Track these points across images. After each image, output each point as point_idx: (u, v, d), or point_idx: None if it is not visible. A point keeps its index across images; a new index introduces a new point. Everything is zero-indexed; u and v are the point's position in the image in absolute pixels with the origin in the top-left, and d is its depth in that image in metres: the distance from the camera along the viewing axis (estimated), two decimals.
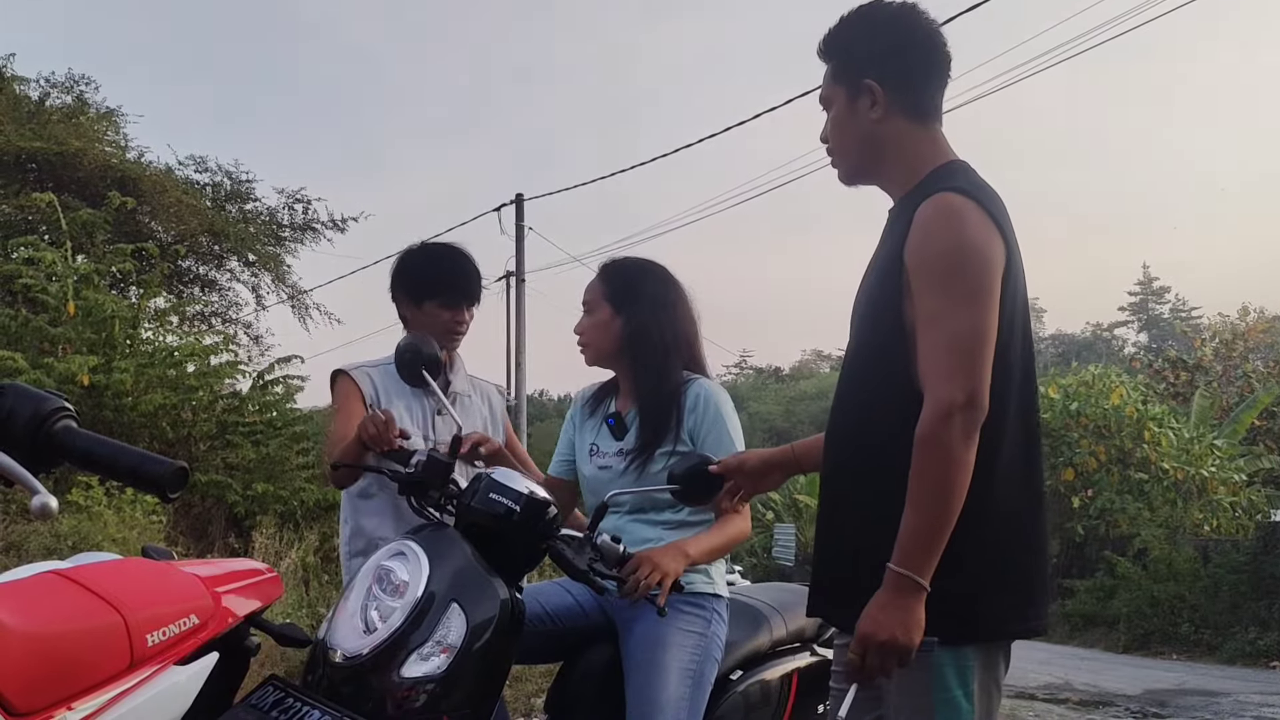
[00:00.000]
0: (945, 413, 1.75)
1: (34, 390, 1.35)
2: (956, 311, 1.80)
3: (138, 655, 1.69)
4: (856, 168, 2.08)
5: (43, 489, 1.22)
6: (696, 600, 2.56)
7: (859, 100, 2.00)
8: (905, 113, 1.99)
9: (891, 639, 1.75)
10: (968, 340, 1.78)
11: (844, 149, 2.08)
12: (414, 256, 3.00)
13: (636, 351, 2.69)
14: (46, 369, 8.53)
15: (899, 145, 2.00)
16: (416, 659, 2.00)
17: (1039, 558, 1.96)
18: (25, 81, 13.02)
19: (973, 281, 1.81)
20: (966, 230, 1.83)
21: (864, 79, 1.99)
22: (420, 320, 2.91)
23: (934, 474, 1.75)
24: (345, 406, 2.81)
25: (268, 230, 14.79)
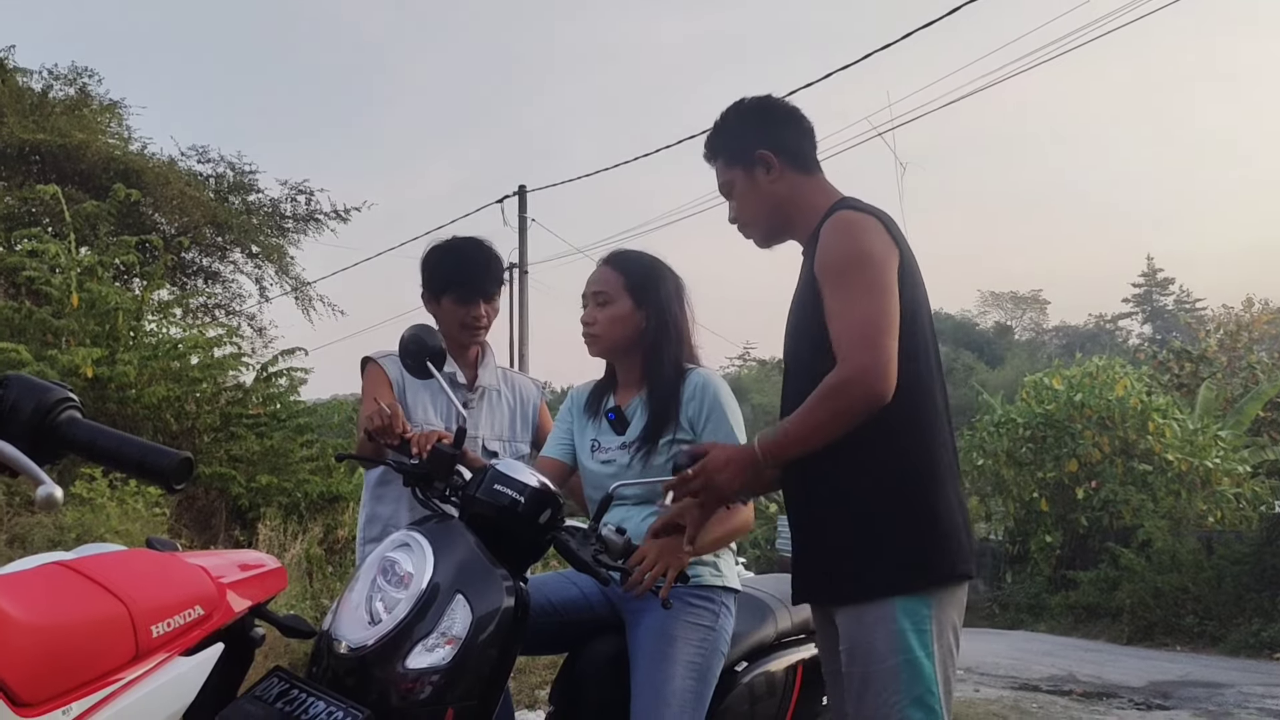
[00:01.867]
0: (844, 378, 2.08)
1: (38, 381, 1.34)
2: (858, 302, 2.11)
3: (143, 646, 1.68)
4: (769, 229, 2.40)
5: (48, 480, 1.22)
6: (705, 593, 2.56)
7: (755, 171, 2.35)
8: (796, 169, 2.36)
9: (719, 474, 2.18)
10: (876, 322, 2.09)
11: (755, 217, 2.40)
12: (434, 252, 3.02)
13: (653, 344, 2.70)
14: (50, 361, 8.53)
15: (799, 197, 2.35)
16: (421, 650, 2.00)
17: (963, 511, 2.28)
18: (28, 73, 13.04)
19: (869, 277, 2.12)
20: (860, 236, 2.16)
21: (756, 151, 2.35)
22: (440, 316, 2.93)
23: (818, 409, 2.10)
24: (373, 393, 2.82)
25: (271, 221, 14.79)
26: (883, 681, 2.15)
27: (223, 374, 10.56)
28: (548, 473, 2.51)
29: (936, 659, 2.16)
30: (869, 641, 2.17)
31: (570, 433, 2.84)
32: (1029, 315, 64.35)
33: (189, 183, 13.51)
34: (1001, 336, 59.51)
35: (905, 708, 2.14)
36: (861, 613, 2.18)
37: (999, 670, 9.26)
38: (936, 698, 2.16)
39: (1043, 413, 17.70)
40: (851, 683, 2.21)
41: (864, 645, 2.18)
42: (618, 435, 2.72)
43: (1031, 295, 63.49)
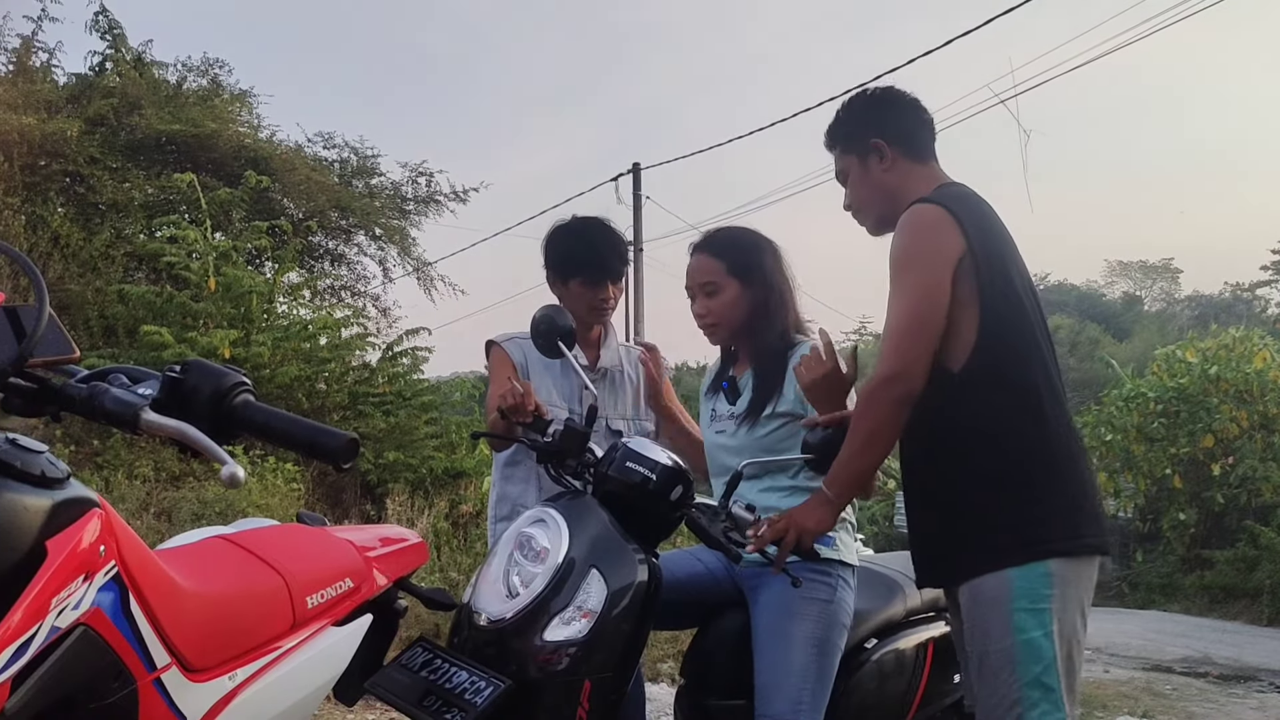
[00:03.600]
0: (878, 382, 2.19)
1: (214, 366, 1.42)
2: (898, 303, 2.22)
3: (299, 616, 1.77)
4: (880, 216, 2.44)
5: (230, 459, 1.29)
6: (822, 567, 2.56)
7: (869, 159, 2.41)
8: (910, 158, 2.41)
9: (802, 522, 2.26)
10: (901, 322, 2.20)
11: (866, 204, 2.46)
12: (558, 234, 3.03)
13: (761, 319, 2.70)
14: (190, 343, 8.90)
15: (909, 186, 2.37)
16: (558, 623, 2.06)
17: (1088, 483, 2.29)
18: (164, 66, 13.49)
19: (917, 275, 2.21)
20: (917, 234, 2.24)
21: (870, 140, 2.40)
22: (567, 298, 2.95)
23: (863, 425, 2.22)
24: (498, 375, 2.87)
25: (392, 204, 15.07)
26: (1000, 661, 2.15)
27: (350, 354, 10.86)
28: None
29: (1057, 637, 2.14)
30: (985, 620, 2.18)
31: None
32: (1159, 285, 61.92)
33: (315, 168, 13.86)
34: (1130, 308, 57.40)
35: (1023, 688, 2.12)
36: (976, 591, 2.20)
37: (1130, 651, 9.01)
38: (1056, 677, 2.13)
39: (1175, 386, 17.06)
40: (971, 662, 2.24)
41: (980, 624, 2.19)
42: (730, 405, 2.75)
43: (1162, 264, 61.03)
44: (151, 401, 1.37)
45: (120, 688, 1.36)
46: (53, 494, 1.26)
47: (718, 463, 2.70)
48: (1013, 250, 2.31)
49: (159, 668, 1.42)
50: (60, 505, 1.26)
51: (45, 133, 10.87)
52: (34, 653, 1.19)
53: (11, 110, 10.67)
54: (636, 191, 19.95)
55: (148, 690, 1.40)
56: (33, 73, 11.99)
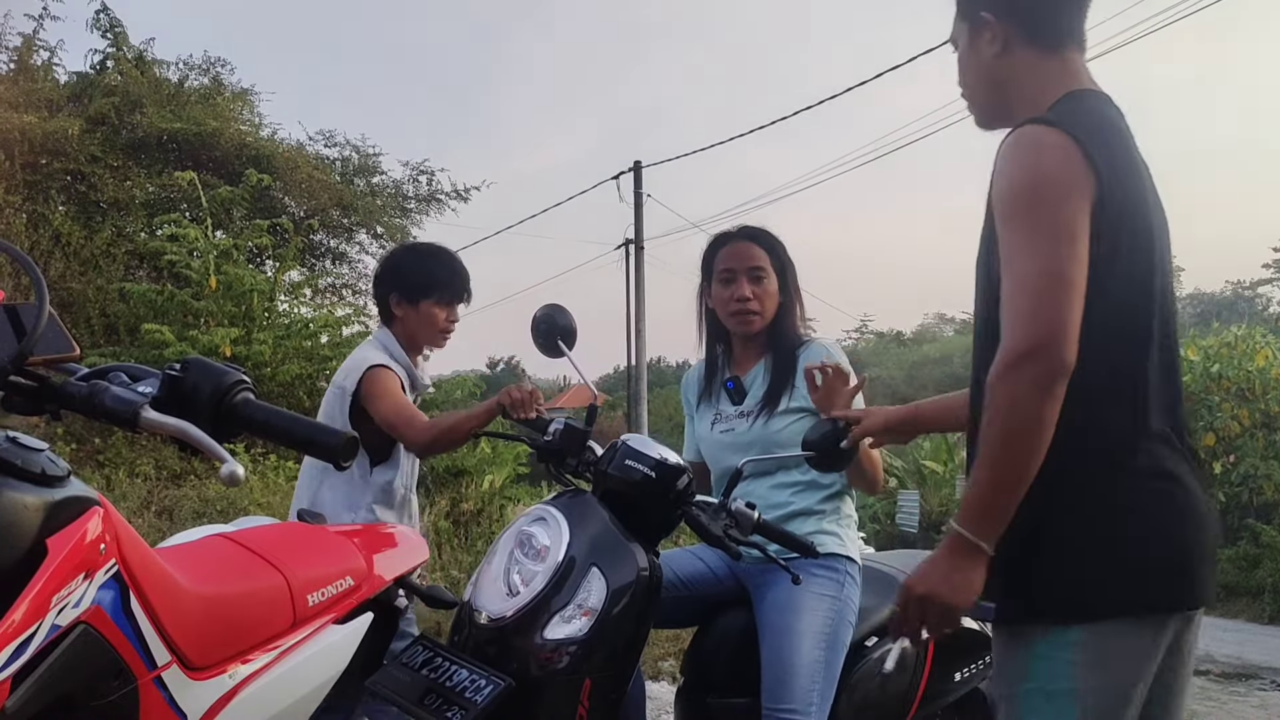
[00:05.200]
0: (1008, 362, 1.60)
1: (214, 364, 1.42)
2: (1028, 249, 1.64)
3: (300, 614, 1.77)
4: (985, 110, 1.93)
5: (230, 458, 1.29)
6: (828, 563, 2.57)
7: (980, 35, 1.85)
8: (1030, 42, 1.82)
9: (930, 593, 1.66)
10: (1039, 280, 1.61)
11: (971, 90, 1.94)
12: (405, 256, 3.09)
13: (782, 318, 2.77)
14: (191, 341, 8.91)
15: (1022, 80, 1.83)
16: (559, 621, 2.06)
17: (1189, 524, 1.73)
18: (165, 65, 13.52)
19: (1047, 217, 1.64)
20: (1036, 162, 1.67)
21: (980, 11, 1.84)
22: (415, 319, 2.95)
23: (1000, 428, 1.61)
24: (396, 389, 2.84)
25: (394, 202, 15.10)
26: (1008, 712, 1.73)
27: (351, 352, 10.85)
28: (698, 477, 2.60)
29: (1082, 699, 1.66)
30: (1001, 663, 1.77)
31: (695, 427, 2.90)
32: None
33: (316, 166, 13.88)
34: None
35: None
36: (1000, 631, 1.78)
37: None
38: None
39: None
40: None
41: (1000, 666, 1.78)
42: (735, 405, 2.76)
43: None
44: (151, 400, 1.38)
45: (120, 686, 1.36)
46: (53, 492, 1.26)
47: (724, 464, 2.70)
48: (1151, 215, 1.75)
49: (159, 666, 1.42)
50: (61, 503, 1.26)
51: (46, 131, 10.89)
52: (34, 651, 1.19)
53: (13, 109, 10.69)
54: (637, 189, 19.95)
55: (148, 688, 1.40)
56: (34, 71, 12.00)
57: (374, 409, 2.80)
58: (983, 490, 1.64)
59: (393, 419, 2.79)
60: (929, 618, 1.69)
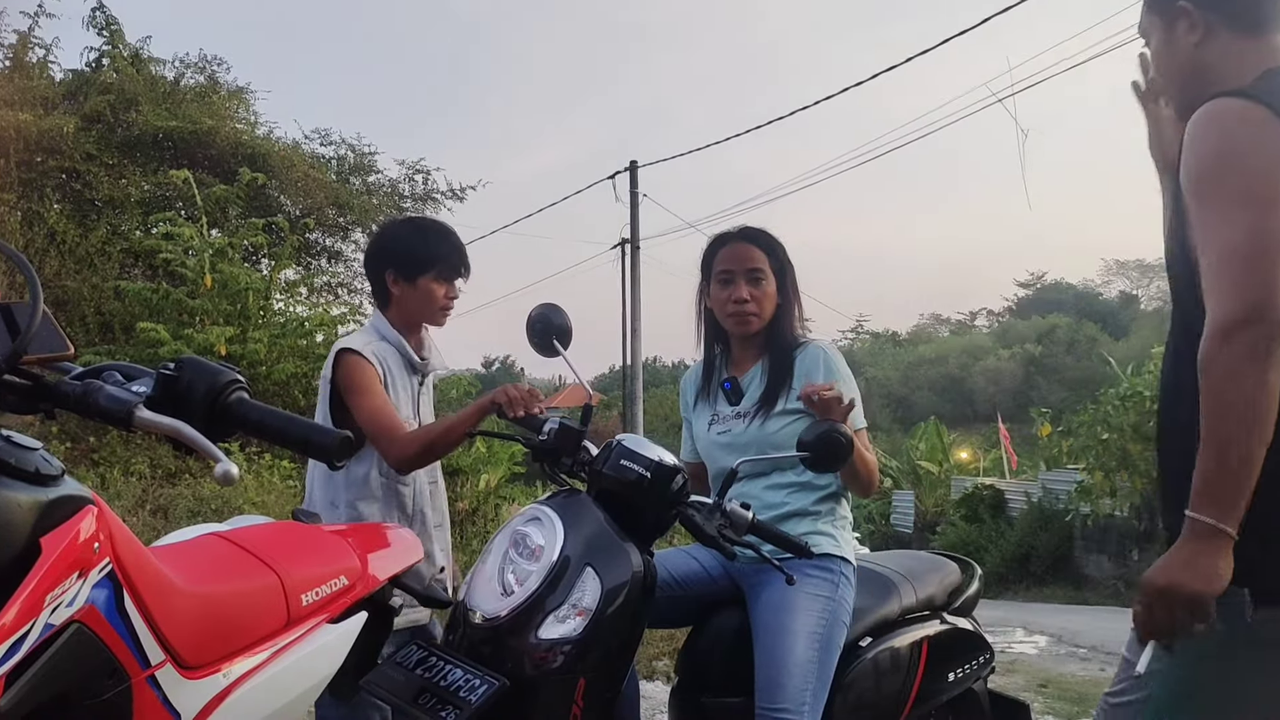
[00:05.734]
0: (1221, 332, 1.54)
1: (209, 364, 1.42)
2: (1222, 220, 1.59)
3: (294, 614, 1.77)
4: (1185, 100, 1.83)
5: (224, 458, 1.29)
6: (823, 563, 2.57)
7: (1176, 26, 1.82)
8: (1230, 27, 1.78)
9: (1171, 584, 1.57)
10: (1244, 247, 1.55)
11: (1168, 82, 1.90)
12: (400, 231, 2.99)
13: (781, 320, 2.77)
14: (186, 340, 8.91)
15: (1225, 66, 1.77)
16: (553, 621, 2.06)
17: None
18: (161, 63, 13.50)
19: (1244, 184, 1.59)
20: (1231, 130, 1.63)
21: (1177, 2, 1.80)
22: (413, 297, 2.82)
23: (1219, 402, 1.54)
24: (374, 388, 2.70)
25: (390, 201, 15.08)
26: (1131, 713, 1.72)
27: None
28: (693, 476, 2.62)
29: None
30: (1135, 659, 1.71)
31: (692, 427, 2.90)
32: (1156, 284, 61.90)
33: (312, 165, 13.87)
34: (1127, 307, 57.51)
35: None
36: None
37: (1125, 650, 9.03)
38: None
39: None
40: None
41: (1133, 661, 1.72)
42: (732, 405, 2.76)
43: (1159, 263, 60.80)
44: (146, 399, 1.37)
45: (114, 685, 1.36)
46: (47, 491, 1.26)
47: (720, 464, 2.70)
48: None
49: (153, 665, 1.42)
50: (54, 502, 1.26)
51: (42, 129, 10.86)
52: (28, 650, 1.19)
53: (8, 106, 10.66)
54: (633, 189, 19.97)
55: (142, 687, 1.40)
56: (29, 69, 11.97)
57: (352, 406, 2.68)
58: (1213, 470, 1.56)
59: (371, 428, 2.66)
60: (1176, 611, 1.58)
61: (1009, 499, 20.43)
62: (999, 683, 4.73)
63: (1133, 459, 17.21)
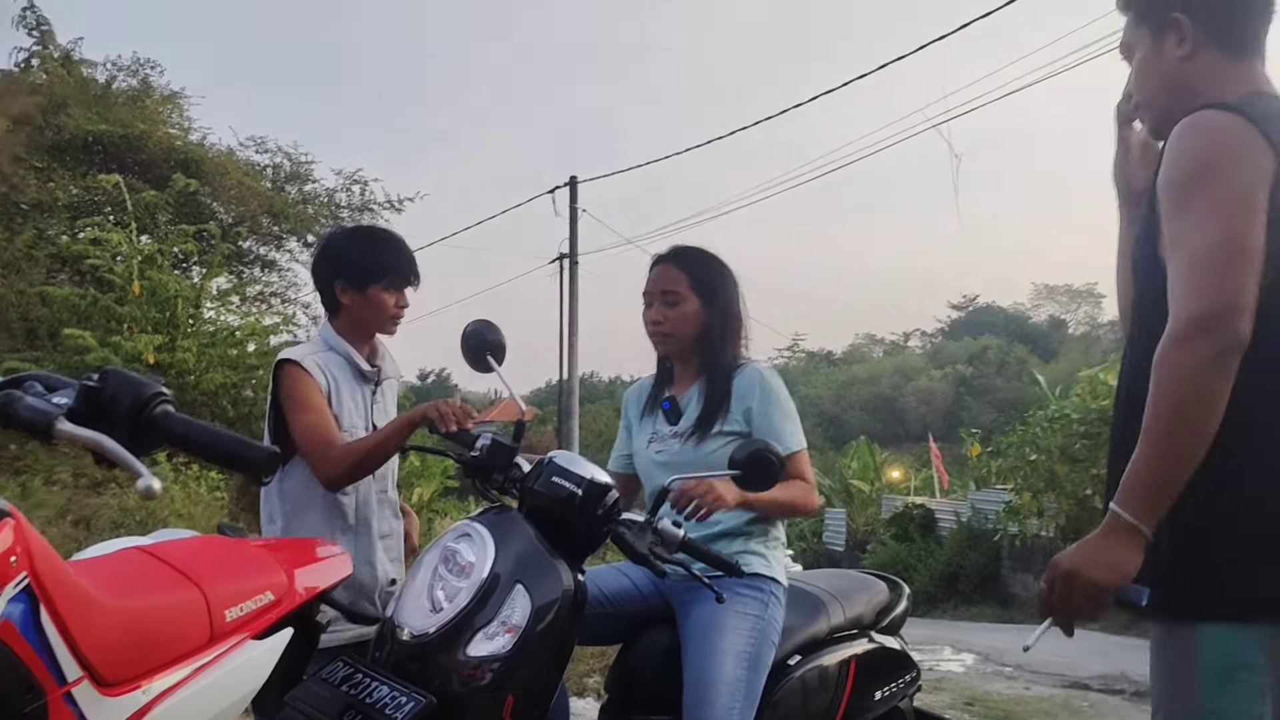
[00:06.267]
0: (1181, 333, 1.55)
1: (134, 376, 1.40)
2: (1197, 226, 1.60)
3: (217, 630, 1.74)
4: (1164, 115, 1.85)
5: (146, 471, 1.28)
6: (754, 583, 2.59)
7: (1165, 38, 1.82)
8: (1218, 45, 1.80)
9: (1075, 569, 1.59)
10: (1214, 253, 1.56)
11: (1151, 96, 1.89)
12: (350, 240, 2.94)
13: (715, 340, 2.76)
14: (114, 347, 8.75)
15: (1209, 83, 1.79)
16: (482, 638, 2.05)
17: None
18: (92, 65, 13.31)
19: (1217, 193, 1.61)
20: (1212, 141, 1.65)
21: (1170, 13, 1.81)
22: (363, 306, 2.80)
23: (1167, 403, 1.54)
24: (310, 401, 2.68)
25: (326, 211, 14.97)
26: None
27: None
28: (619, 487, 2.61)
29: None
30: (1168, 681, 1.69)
31: (629, 443, 2.91)
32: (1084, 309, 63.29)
33: (247, 173, 13.73)
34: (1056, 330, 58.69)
35: None
36: (1163, 635, 1.70)
37: (1050, 668, 9.18)
38: None
39: (1098, 408, 17.44)
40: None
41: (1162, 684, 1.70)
42: (671, 425, 2.77)
43: (1086, 289, 62.41)
44: (68, 410, 1.35)
45: (31, 700, 1.33)
46: None
47: (655, 482, 2.70)
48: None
49: (70, 681, 1.40)
50: None
51: None
52: None
53: None
54: (573, 204, 19.97)
55: (58, 704, 1.37)
56: None
57: (289, 420, 2.66)
58: (1144, 469, 1.57)
59: (304, 444, 2.63)
60: (1075, 596, 1.60)
61: (939, 518, 20.71)
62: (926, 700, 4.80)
63: (1060, 480, 17.54)
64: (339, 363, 2.79)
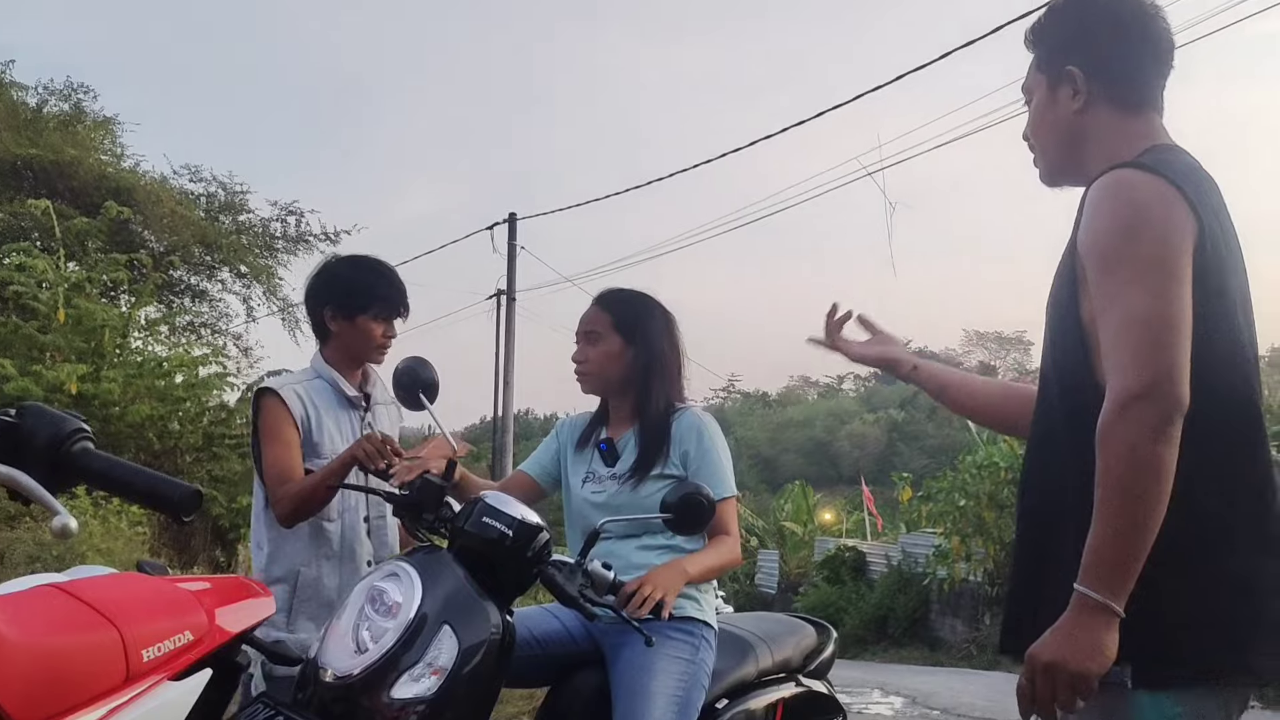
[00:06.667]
0: (1120, 405, 1.54)
1: (53, 411, 1.37)
2: (1128, 291, 1.59)
3: (133, 670, 1.70)
4: (1056, 164, 1.90)
5: (62, 509, 1.25)
6: (685, 626, 2.59)
7: (1060, 89, 1.84)
8: (1112, 101, 1.81)
9: (1058, 661, 1.54)
10: (1146, 319, 1.57)
11: (1044, 142, 1.91)
12: (341, 268, 2.95)
13: (643, 381, 2.76)
14: (35, 377, 8.54)
15: (1102, 137, 1.81)
16: (407, 680, 2.02)
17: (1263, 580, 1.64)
18: (24, 88, 13.08)
19: (1146, 256, 1.60)
20: (1137, 203, 1.64)
21: (1065, 65, 1.83)
22: (351, 334, 2.85)
23: (1115, 476, 1.53)
24: (279, 434, 2.72)
25: (260, 242, 14.82)
26: None
27: (207, 393, 10.57)
28: (519, 487, 2.72)
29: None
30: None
31: (555, 459, 2.90)
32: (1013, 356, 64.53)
33: (180, 201, 13.55)
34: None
35: None
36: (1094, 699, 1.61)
37: (975, 711, 9.25)
38: None
39: None
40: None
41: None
42: (608, 467, 2.77)
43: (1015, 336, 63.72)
44: None
45: None
46: None
47: (588, 522, 2.69)
48: (1239, 258, 1.75)
49: None
50: None
51: None
52: None
53: None
54: (511, 241, 19.96)
55: None
56: None
57: (261, 450, 2.71)
58: (1104, 545, 1.54)
59: (267, 478, 2.67)
60: (1059, 687, 1.55)
61: (870, 561, 20.87)
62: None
63: (987, 526, 17.78)
64: (323, 389, 2.82)
